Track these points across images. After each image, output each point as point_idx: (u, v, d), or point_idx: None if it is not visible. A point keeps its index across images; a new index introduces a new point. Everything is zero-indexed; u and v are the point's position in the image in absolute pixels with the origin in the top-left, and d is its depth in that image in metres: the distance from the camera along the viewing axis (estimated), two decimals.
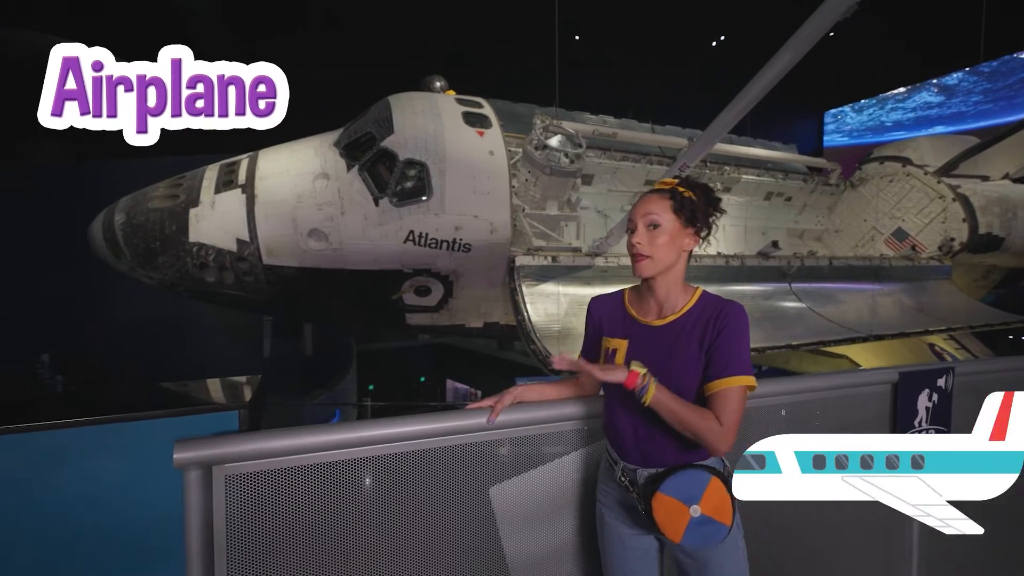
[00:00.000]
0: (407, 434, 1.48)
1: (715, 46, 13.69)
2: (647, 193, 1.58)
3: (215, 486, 1.31)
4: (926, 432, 2.05)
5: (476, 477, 1.55)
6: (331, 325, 7.74)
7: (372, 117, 5.00)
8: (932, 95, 14.76)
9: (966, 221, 7.07)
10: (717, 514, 1.44)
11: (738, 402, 1.42)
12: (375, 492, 1.47)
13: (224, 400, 1.56)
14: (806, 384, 1.95)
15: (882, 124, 15.97)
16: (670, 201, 1.52)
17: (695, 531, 1.43)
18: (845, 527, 2.07)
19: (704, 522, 1.43)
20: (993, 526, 2.16)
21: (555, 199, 5.51)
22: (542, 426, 1.66)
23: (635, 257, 1.54)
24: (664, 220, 1.51)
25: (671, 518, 1.44)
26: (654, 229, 1.52)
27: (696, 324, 1.50)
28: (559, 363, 1.50)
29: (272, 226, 4.65)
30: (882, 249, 7.58)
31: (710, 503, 1.43)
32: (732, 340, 1.45)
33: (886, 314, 6.79)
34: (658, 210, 1.52)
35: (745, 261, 6.18)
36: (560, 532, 1.67)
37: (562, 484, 1.67)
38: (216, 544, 1.27)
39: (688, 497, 1.44)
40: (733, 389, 1.42)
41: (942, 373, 2.06)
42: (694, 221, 1.54)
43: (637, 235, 1.54)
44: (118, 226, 4.67)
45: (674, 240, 1.53)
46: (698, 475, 1.45)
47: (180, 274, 4.68)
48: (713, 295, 1.56)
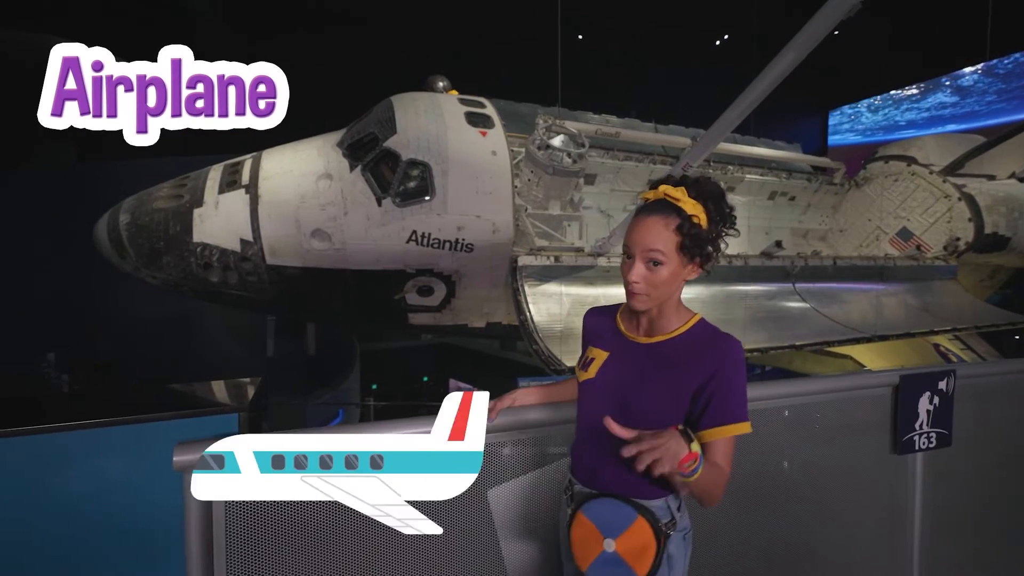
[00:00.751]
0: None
1: (718, 45, 13.64)
2: (648, 213, 1.34)
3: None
4: (927, 435, 2.05)
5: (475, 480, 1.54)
6: (334, 325, 7.77)
7: (375, 117, 5.01)
8: (947, 95, 14.71)
9: (972, 221, 7.02)
10: (632, 559, 1.28)
11: (732, 448, 1.31)
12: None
13: (225, 402, 1.57)
14: (808, 387, 1.93)
15: (895, 123, 15.94)
16: (676, 236, 1.31)
17: (603, 567, 1.30)
18: (847, 531, 2.06)
19: (614, 562, 1.29)
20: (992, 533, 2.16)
21: (558, 199, 5.50)
22: (540, 429, 1.65)
23: (630, 292, 1.36)
24: (667, 258, 1.31)
25: (584, 543, 1.34)
26: (654, 266, 1.32)
27: (685, 354, 1.35)
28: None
29: (275, 226, 4.66)
30: (887, 249, 7.54)
31: (627, 544, 1.29)
32: (732, 383, 1.31)
33: (891, 314, 6.76)
34: (661, 246, 1.30)
35: (748, 261, 6.16)
36: (558, 535, 1.67)
37: (560, 487, 1.66)
38: (215, 546, 1.28)
39: (608, 528, 1.31)
40: (731, 440, 1.30)
41: (943, 376, 2.05)
42: (702, 252, 1.34)
43: (635, 271, 1.33)
44: (123, 226, 4.70)
45: (675, 277, 1.34)
46: (625, 510, 1.32)
47: (184, 274, 4.70)
48: (710, 327, 1.40)
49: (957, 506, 2.18)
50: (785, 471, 1.92)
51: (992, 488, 2.26)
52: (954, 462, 2.16)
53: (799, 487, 1.94)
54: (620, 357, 1.43)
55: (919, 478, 2.09)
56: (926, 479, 2.09)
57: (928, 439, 2.05)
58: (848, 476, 2.01)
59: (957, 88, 14.40)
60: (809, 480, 1.94)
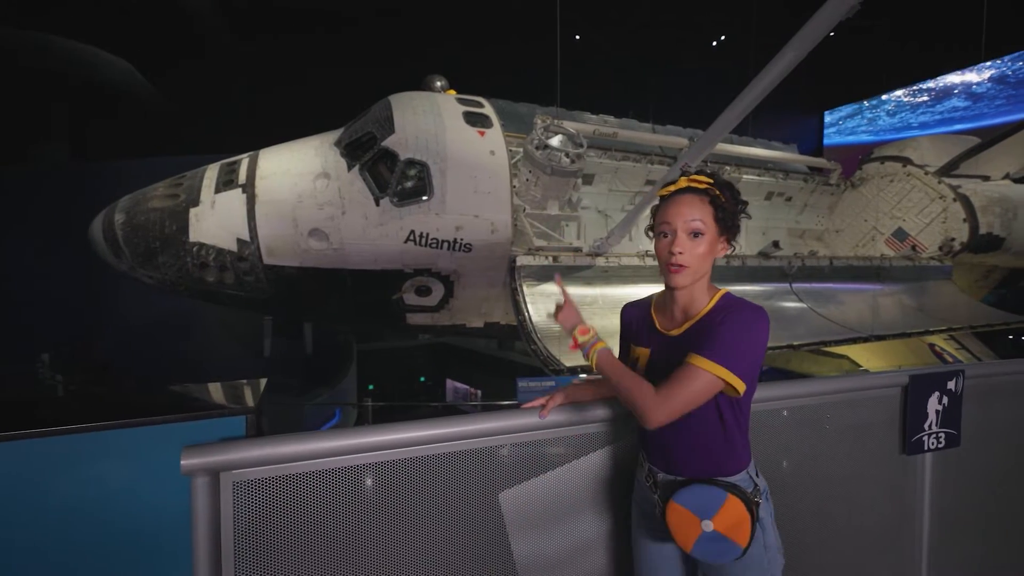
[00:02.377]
0: (416, 439, 1.46)
1: (715, 46, 13.68)
2: (681, 193, 1.45)
3: (223, 492, 1.29)
4: (936, 435, 2.04)
5: (485, 482, 1.53)
6: (331, 325, 7.72)
7: (373, 117, 4.98)
8: (961, 100, 14.88)
9: (967, 221, 7.06)
10: (732, 533, 1.37)
11: (697, 384, 1.32)
12: (384, 498, 1.45)
13: (230, 404, 1.54)
14: (818, 387, 1.93)
15: (908, 125, 16.11)
16: (711, 208, 1.42)
17: (706, 545, 1.38)
18: (855, 531, 2.06)
19: (716, 539, 1.38)
20: (1001, 534, 2.15)
21: (556, 199, 5.49)
22: (555, 430, 1.64)
23: (672, 267, 1.42)
24: (707, 228, 1.41)
25: (683, 528, 1.40)
26: (695, 237, 1.41)
27: (710, 323, 1.41)
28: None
29: (273, 226, 4.63)
30: (883, 249, 7.57)
31: (724, 521, 1.38)
32: (727, 331, 1.35)
33: (887, 314, 6.78)
34: (701, 216, 1.41)
35: (746, 261, 6.17)
36: (571, 538, 1.66)
37: (573, 489, 1.65)
38: (224, 551, 1.25)
39: (702, 511, 1.39)
40: (699, 371, 1.31)
41: (952, 376, 2.05)
42: (729, 228, 1.46)
43: (678, 243, 1.41)
44: (118, 226, 4.64)
45: (712, 249, 1.44)
46: (715, 491, 1.40)
47: (180, 274, 4.66)
48: (736, 298, 1.47)
49: (965, 507, 2.18)
50: (784, 470, 1.91)
51: (1000, 489, 2.26)
52: (963, 462, 2.16)
53: (807, 486, 1.93)
54: (660, 353, 1.50)
55: (928, 478, 2.09)
56: (935, 479, 2.09)
57: (937, 439, 2.05)
58: (857, 476, 2.00)
59: (971, 95, 14.53)
60: (817, 479, 1.94)
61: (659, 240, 1.46)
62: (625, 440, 1.74)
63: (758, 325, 1.38)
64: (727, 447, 1.44)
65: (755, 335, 1.37)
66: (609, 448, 1.72)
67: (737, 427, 1.44)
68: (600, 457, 1.71)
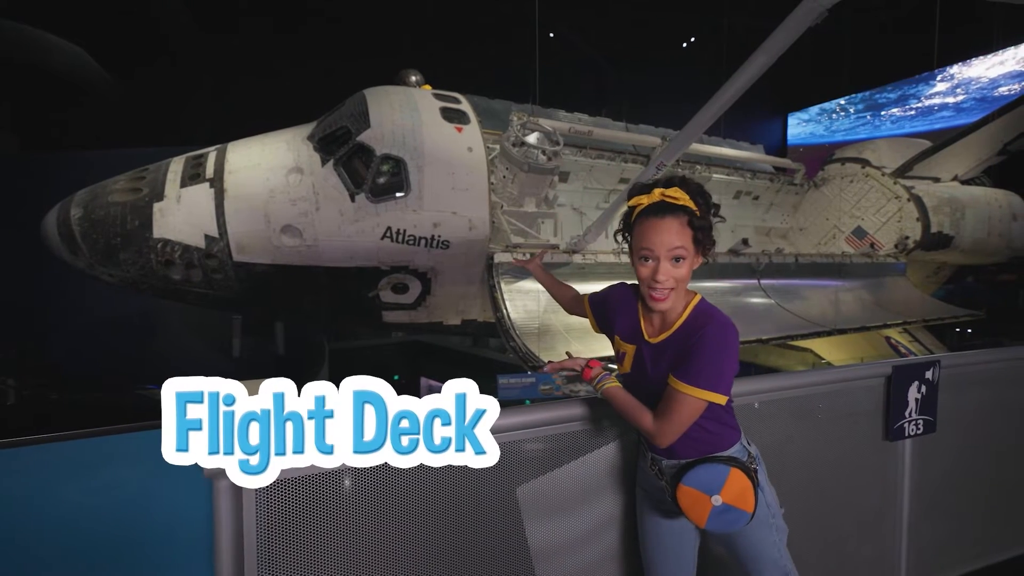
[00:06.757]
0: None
1: (686, 47, 13.93)
2: (660, 215, 1.51)
3: (245, 495, 1.25)
4: (915, 422, 2.14)
5: (504, 477, 1.52)
6: (305, 324, 7.54)
7: (347, 111, 4.87)
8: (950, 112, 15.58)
9: (919, 220, 7.42)
10: (739, 502, 1.50)
11: (687, 409, 1.45)
12: (397, 500, 1.42)
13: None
14: (808, 379, 2.02)
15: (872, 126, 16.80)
16: (690, 231, 1.52)
17: (718, 518, 1.50)
18: (841, 514, 2.14)
19: (726, 510, 1.50)
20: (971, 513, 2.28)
21: (533, 196, 5.49)
22: (566, 425, 1.65)
23: (656, 295, 1.51)
24: (687, 252, 1.52)
25: (695, 506, 1.50)
26: (677, 262, 1.51)
27: (685, 340, 1.52)
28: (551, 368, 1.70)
29: (243, 222, 4.48)
30: (843, 247, 7.89)
31: (731, 492, 1.50)
32: (702, 353, 1.46)
33: (847, 309, 7.08)
34: (682, 243, 1.50)
35: (716, 258, 6.32)
36: (589, 532, 1.68)
37: (588, 482, 1.68)
38: (247, 554, 1.20)
39: (709, 488, 1.51)
40: (685, 397, 1.45)
41: (929, 366, 2.15)
42: (707, 246, 1.58)
43: (662, 271, 1.50)
44: (74, 221, 4.40)
45: (691, 267, 1.55)
46: (718, 468, 1.52)
47: (144, 272, 4.46)
48: (708, 307, 1.58)
49: (940, 488, 2.31)
50: (780, 457, 1.98)
51: (970, 470, 2.40)
52: (938, 446, 2.28)
53: (800, 472, 2.01)
54: (642, 356, 1.62)
55: (907, 462, 2.20)
56: (913, 463, 2.21)
57: (916, 426, 2.15)
58: (844, 462, 2.10)
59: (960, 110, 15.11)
60: (810, 464, 2.03)
61: (640, 264, 1.55)
62: (628, 436, 1.81)
63: (727, 340, 1.50)
64: (720, 427, 1.58)
65: (727, 352, 1.50)
66: (617, 442, 1.79)
67: (724, 410, 1.58)
68: (612, 450, 1.78)
